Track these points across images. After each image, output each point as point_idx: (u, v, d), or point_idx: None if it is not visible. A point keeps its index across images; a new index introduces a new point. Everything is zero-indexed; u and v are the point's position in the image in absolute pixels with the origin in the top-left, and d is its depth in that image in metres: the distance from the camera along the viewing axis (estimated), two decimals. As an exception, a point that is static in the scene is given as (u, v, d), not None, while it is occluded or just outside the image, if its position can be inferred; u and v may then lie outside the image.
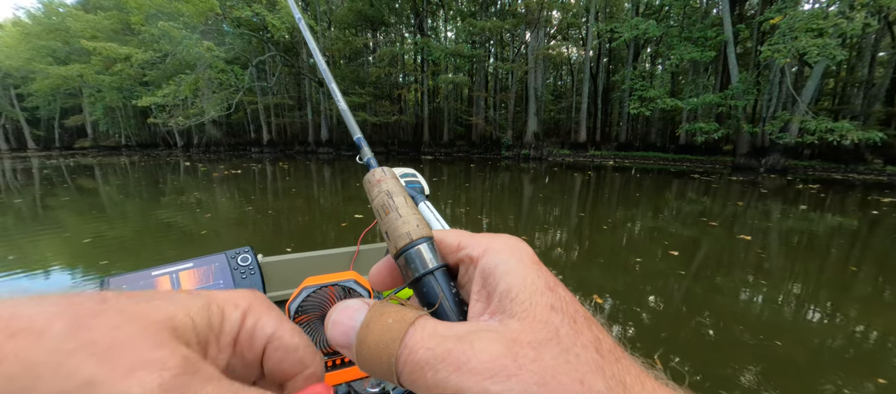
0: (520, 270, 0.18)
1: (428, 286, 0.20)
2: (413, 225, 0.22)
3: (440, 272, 0.21)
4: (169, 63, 17.95)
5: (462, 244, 0.21)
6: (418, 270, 0.21)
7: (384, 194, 0.23)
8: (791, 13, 11.37)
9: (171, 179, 10.52)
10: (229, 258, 0.97)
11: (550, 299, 0.17)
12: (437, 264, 0.21)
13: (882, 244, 4.68)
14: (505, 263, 0.19)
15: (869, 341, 2.45)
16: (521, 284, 0.17)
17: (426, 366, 0.16)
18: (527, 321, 0.16)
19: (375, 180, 0.24)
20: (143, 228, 4.94)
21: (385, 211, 0.22)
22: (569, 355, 0.15)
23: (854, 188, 9.79)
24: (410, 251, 0.21)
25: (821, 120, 11.61)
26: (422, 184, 1.02)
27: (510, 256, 0.19)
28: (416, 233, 0.21)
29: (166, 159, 19.13)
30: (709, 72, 17.74)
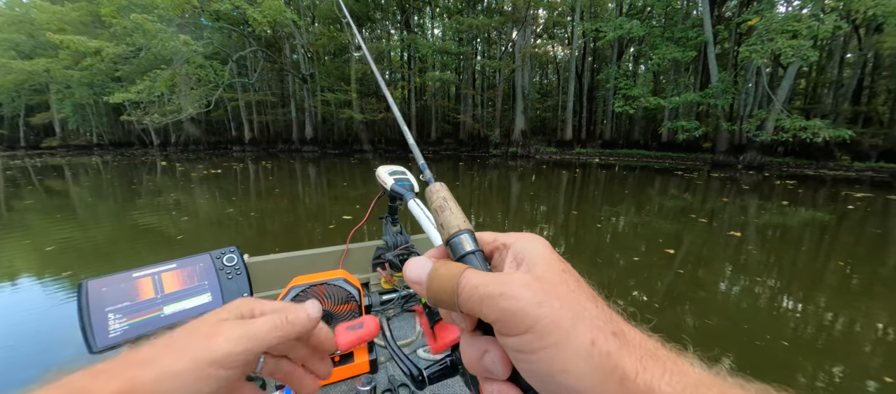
0: (541, 252, 0.24)
1: (469, 262, 0.26)
2: (461, 220, 0.28)
3: (479, 254, 0.26)
4: (143, 58, 17.11)
5: (496, 238, 0.27)
6: (463, 250, 0.27)
7: (441, 198, 0.31)
8: (767, 15, 11.74)
9: (145, 180, 10.05)
10: (214, 258, 0.94)
11: (562, 266, 0.23)
12: (476, 248, 0.27)
13: (863, 235, 4.90)
14: (530, 247, 0.24)
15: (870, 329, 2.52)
16: (541, 257, 0.23)
17: (479, 286, 0.22)
18: (545, 272, 0.22)
19: (435, 191, 0.32)
20: (115, 233, 4.66)
21: (441, 210, 0.30)
22: (573, 292, 0.21)
23: (827, 183, 10.22)
24: (459, 237, 0.27)
25: (795, 118, 12.06)
26: (411, 182, 1.02)
27: (534, 242, 0.25)
28: (464, 226, 0.28)
29: (142, 159, 18.32)
30: (689, 71, 18.20)
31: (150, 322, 0.83)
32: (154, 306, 0.84)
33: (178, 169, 12.53)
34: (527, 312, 0.19)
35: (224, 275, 0.94)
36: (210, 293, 0.92)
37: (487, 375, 0.23)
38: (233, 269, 0.96)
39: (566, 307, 0.19)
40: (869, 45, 14.84)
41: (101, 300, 0.79)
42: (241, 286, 0.96)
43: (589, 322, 0.19)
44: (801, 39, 10.50)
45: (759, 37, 11.44)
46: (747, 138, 14.00)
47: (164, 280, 0.86)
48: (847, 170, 13.72)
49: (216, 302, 0.91)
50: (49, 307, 2.75)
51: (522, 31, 19.13)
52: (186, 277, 0.90)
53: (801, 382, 1.99)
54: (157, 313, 0.84)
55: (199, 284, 0.91)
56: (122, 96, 16.20)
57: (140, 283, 0.84)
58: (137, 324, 0.81)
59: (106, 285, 0.80)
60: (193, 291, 0.90)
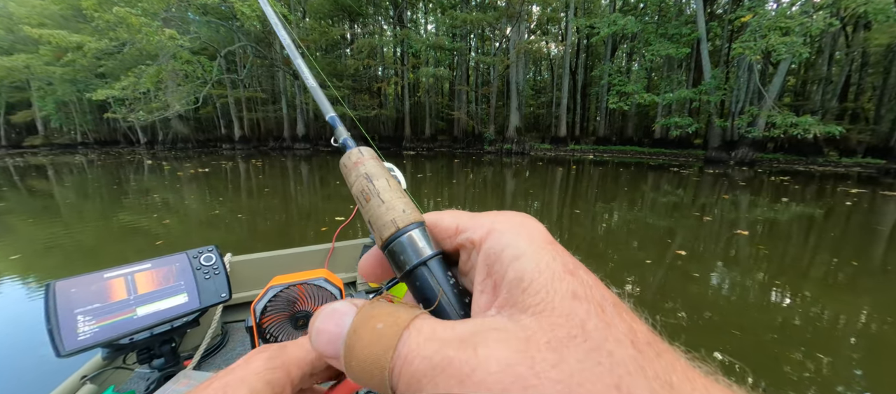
0: (532, 252, 0.15)
1: (422, 279, 0.18)
2: (399, 210, 0.19)
3: (436, 261, 0.18)
4: (127, 53, 16.63)
5: (461, 226, 0.19)
6: (410, 260, 0.18)
7: (363, 178, 0.20)
8: (760, 11, 11.80)
9: (130, 180, 9.74)
10: (191, 258, 0.92)
11: (571, 284, 0.14)
12: (431, 252, 0.18)
13: (868, 230, 4.91)
14: (513, 245, 0.16)
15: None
16: (535, 269, 0.15)
17: (424, 378, 0.13)
18: (544, 315, 0.13)
19: (353, 163, 0.21)
20: (92, 237, 4.46)
21: (365, 197, 0.20)
22: (599, 354, 0.12)
23: (819, 179, 10.34)
24: (399, 240, 0.18)
25: (786, 115, 12.18)
26: (399, 178, 1.00)
27: (519, 236, 0.16)
28: (404, 219, 0.19)
29: (128, 158, 17.84)
30: (682, 68, 18.29)
31: (123, 324, 0.80)
32: (126, 307, 0.81)
33: (164, 168, 12.20)
34: None
35: (201, 275, 0.91)
36: (187, 294, 0.89)
37: None
38: (210, 269, 0.93)
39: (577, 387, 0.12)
40: (857, 43, 15.04)
41: (69, 302, 0.76)
42: (219, 287, 0.93)
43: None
44: (793, 36, 10.56)
45: (752, 33, 11.49)
46: (739, 135, 14.12)
47: (137, 281, 0.84)
48: (835, 166, 13.94)
49: (193, 303, 0.88)
50: (17, 310, 2.61)
51: (516, 27, 19.02)
52: (161, 277, 0.87)
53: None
54: (130, 315, 0.81)
55: (175, 285, 0.88)
56: (106, 93, 15.72)
57: (112, 283, 0.81)
58: (108, 326, 0.78)
59: (75, 286, 0.77)
60: (169, 292, 0.87)
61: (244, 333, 1.25)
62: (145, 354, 0.89)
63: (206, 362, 1.14)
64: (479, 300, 0.16)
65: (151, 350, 0.90)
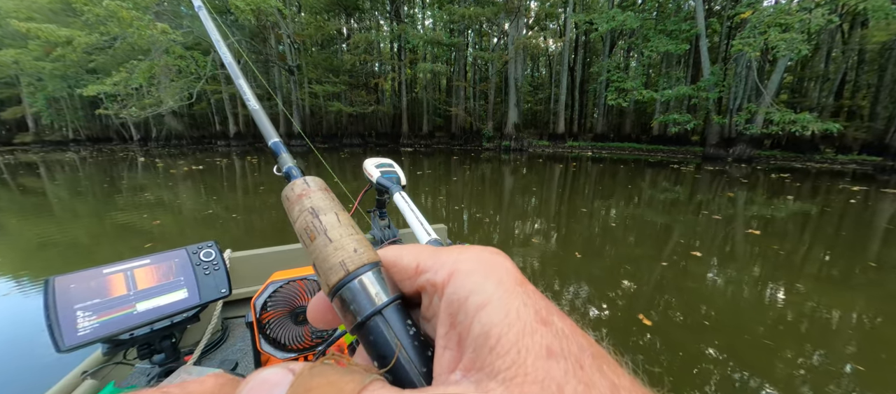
0: (499, 299, 0.14)
1: (376, 332, 0.16)
2: (350, 250, 0.17)
3: (392, 309, 0.16)
4: (118, 48, 16.28)
5: (422, 265, 0.16)
6: (362, 310, 0.16)
7: (308, 214, 0.18)
8: (759, 8, 11.75)
9: (121, 178, 9.55)
10: (191, 254, 0.92)
11: (546, 338, 0.13)
12: (387, 299, 0.16)
13: (877, 229, 4.91)
14: (479, 290, 0.14)
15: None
16: (504, 320, 0.13)
17: None
18: (516, 383, 0.12)
19: (296, 195, 0.18)
20: (80, 237, 4.32)
21: (310, 236, 0.17)
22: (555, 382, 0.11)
23: (818, 176, 10.36)
24: (349, 286, 0.16)
25: (784, 112, 12.18)
26: (398, 174, 1.01)
27: (486, 278, 0.14)
28: (355, 260, 0.17)
29: (121, 155, 17.56)
30: (681, 65, 18.25)
31: (123, 320, 0.80)
32: (126, 302, 0.81)
33: (158, 165, 11.99)
34: None
35: (201, 270, 0.92)
36: (186, 289, 0.89)
37: None
38: (210, 264, 0.94)
39: None
40: (854, 41, 15.05)
41: (68, 298, 0.77)
42: (219, 282, 0.93)
43: None
44: (793, 33, 10.52)
45: (751, 30, 11.44)
46: (737, 132, 14.12)
47: (137, 276, 0.84)
48: (832, 163, 13.98)
49: (193, 298, 0.89)
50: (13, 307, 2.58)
51: (515, 23, 18.86)
52: (161, 272, 0.87)
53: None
54: (130, 310, 0.81)
55: (175, 281, 0.88)
56: (97, 88, 15.43)
57: (111, 279, 0.81)
58: (109, 321, 0.78)
59: (74, 282, 0.78)
60: (168, 288, 0.87)
61: (244, 328, 1.25)
62: (146, 349, 0.90)
63: (207, 358, 1.15)
64: (442, 358, 0.14)
65: (152, 346, 0.90)
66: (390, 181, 0.96)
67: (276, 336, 0.88)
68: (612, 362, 0.13)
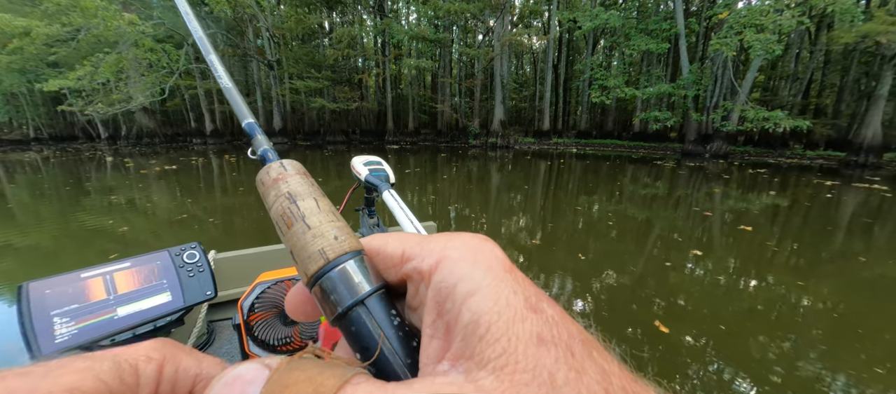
0: (488, 286, 0.13)
1: (358, 323, 0.15)
2: (330, 237, 0.16)
3: (375, 298, 0.15)
4: (83, 40, 15.29)
5: (408, 253, 0.16)
6: (342, 300, 0.15)
7: (284, 199, 0.17)
8: (736, 9, 12.15)
9: (85, 180, 8.97)
10: (173, 256, 0.91)
11: (536, 325, 0.12)
12: (370, 288, 0.15)
13: (857, 220, 5.17)
14: (467, 277, 0.14)
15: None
16: (493, 308, 0.13)
17: None
18: (506, 372, 0.11)
19: (272, 179, 0.18)
20: (23, 254, 4.00)
21: (286, 223, 0.16)
22: (547, 369, 0.11)
23: (790, 171, 10.82)
24: (330, 275, 0.16)
25: (758, 110, 12.67)
26: (387, 171, 1.00)
27: (474, 265, 0.14)
28: (336, 248, 0.16)
29: (87, 154, 16.55)
30: (661, 63, 18.72)
31: (103, 325, 0.78)
32: (106, 307, 0.79)
33: (127, 165, 11.34)
34: None
35: (185, 272, 0.90)
36: (169, 292, 0.87)
37: None
38: (194, 266, 0.92)
39: None
40: (821, 42, 15.80)
41: (44, 304, 0.74)
42: (203, 284, 0.91)
43: None
44: (767, 34, 10.92)
45: (728, 30, 11.81)
46: (714, 128, 14.61)
47: (116, 280, 0.82)
48: (800, 158, 14.67)
49: (176, 301, 0.87)
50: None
51: (500, 19, 18.85)
52: (142, 276, 0.85)
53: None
54: (111, 315, 0.79)
55: (158, 284, 0.86)
56: (60, 83, 14.47)
57: (89, 284, 0.79)
58: (88, 327, 0.76)
59: (50, 287, 0.76)
60: (151, 291, 0.85)
61: (231, 331, 1.22)
62: None
63: None
64: (429, 348, 0.14)
65: None
66: (379, 179, 0.94)
67: (264, 338, 0.88)
68: (601, 349, 0.13)
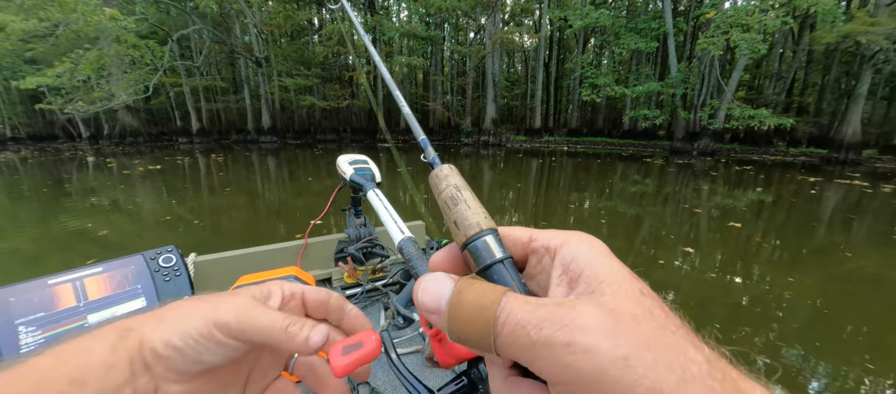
0: (604, 260, 0.18)
1: (498, 274, 0.20)
2: (481, 216, 0.22)
3: (509, 262, 0.21)
4: (62, 35, 14.76)
5: (534, 236, 0.21)
6: (491, 256, 0.21)
7: (452, 188, 0.24)
8: (722, 9, 12.35)
9: (63, 181, 8.67)
10: (148, 260, 0.88)
11: (638, 284, 0.17)
12: (505, 254, 0.21)
13: (844, 216, 5.34)
14: (587, 252, 0.18)
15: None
16: (608, 270, 0.17)
17: (528, 325, 0.16)
18: (619, 299, 0.16)
19: (443, 175, 0.25)
20: (28, 245, 3.84)
21: (454, 203, 0.23)
22: (665, 330, 0.15)
23: (775, 167, 11.08)
24: (483, 239, 0.21)
25: (744, 108, 12.93)
26: (373, 171, 0.99)
27: (592, 247, 0.19)
28: (485, 224, 0.22)
29: (68, 154, 16.03)
30: (649, 62, 18.95)
31: (72, 334, 0.59)
32: (76, 314, 0.77)
33: (109, 165, 11.00)
34: (610, 375, 0.13)
35: (160, 277, 0.88)
36: (144, 298, 0.85)
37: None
38: (170, 270, 0.90)
39: (665, 363, 0.14)
40: (804, 42, 16.18)
41: (8, 312, 0.72)
42: (180, 288, 0.90)
43: (701, 386, 0.13)
44: (753, 33, 11.12)
45: (715, 29, 12.00)
46: (701, 126, 14.86)
47: (87, 286, 0.79)
48: (784, 155, 15.03)
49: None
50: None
51: (492, 17, 18.83)
52: (115, 281, 0.83)
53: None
54: (80, 323, 0.77)
55: (131, 289, 0.84)
56: (37, 81, 13.94)
57: (58, 290, 0.76)
58: (56, 337, 0.69)
59: (14, 295, 0.73)
60: (124, 297, 0.83)
61: None
62: None
63: None
64: (556, 291, 0.18)
65: None
66: (364, 178, 0.93)
67: None
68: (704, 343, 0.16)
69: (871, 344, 2.26)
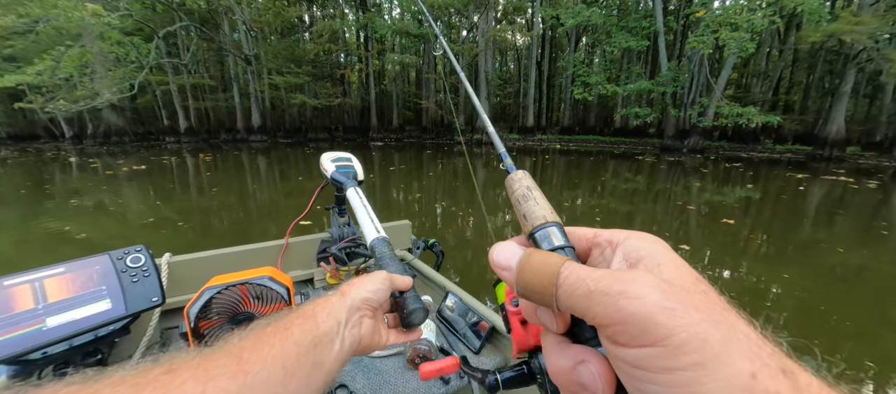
0: (665, 252, 0.19)
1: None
2: (548, 211, 0.25)
3: (570, 250, 0.23)
4: (42, 31, 14.31)
5: (598, 233, 0.23)
6: (552, 244, 0.23)
7: (524, 188, 0.28)
8: (711, 8, 12.50)
9: (41, 182, 8.40)
10: (115, 260, 0.85)
11: (694, 273, 0.18)
12: (568, 243, 0.23)
13: (830, 212, 5.45)
14: (649, 246, 0.20)
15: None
16: (668, 258, 0.19)
17: (588, 278, 0.17)
18: (674, 277, 0.18)
19: (517, 178, 0.30)
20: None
21: (524, 200, 0.27)
22: (718, 305, 0.16)
23: (762, 164, 11.28)
24: (545, 230, 0.24)
25: (732, 106, 13.12)
26: (355, 169, 0.99)
27: (653, 243, 0.20)
28: (551, 217, 0.25)
29: (50, 154, 15.56)
30: (640, 61, 19.12)
31: (29, 337, 0.72)
32: (34, 317, 0.73)
33: (92, 166, 10.69)
34: (656, 318, 0.15)
35: (128, 277, 0.85)
36: (109, 300, 0.81)
37: (580, 391, 0.19)
38: (139, 270, 0.87)
39: (710, 320, 0.15)
40: (790, 42, 16.49)
41: None
42: (149, 290, 0.86)
43: (747, 346, 0.14)
44: (742, 32, 11.28)
45: (705, 28, 12.14)
46: (691, 124, 15.05)
47: (47, 287, 0.76)
48: (771, 152, 15.32)
49: (117, 309, 0.81)
50: None
51: (485, 15, 18.80)
52: (78, 282, 0.79)
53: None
54: (38, 327, 0.73)
55: (96, 291, 0.80)
56: (17, 79, 13.52)
57: (13, 292, 0.73)
58: (11, 340, 0.70)
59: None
60: (87, 299, 0.79)
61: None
62: (64, 368, 0.82)
63: None
64: (615, 268, 0.21)
65: (71, 364, 0.83)
66: (346, 176, 0.94)
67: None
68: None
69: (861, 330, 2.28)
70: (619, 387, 0.18)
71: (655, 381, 0.15)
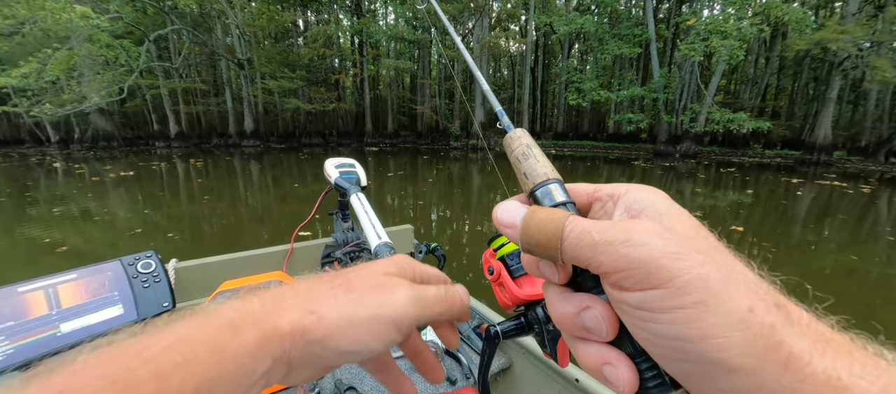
0: (666, 202, 0.20)
1: None
2: (549, 168, 0.25)
3: (571, 206, 0.23)
4: (28, 33, 13.99)
5: (599, 188, 0.23)
6: (554, 200, 0.23)
7: (524, 145, 0.27)
8: (701, 16, 12.76)
9: (20, 189, 8.14)
10: (126, 265, 0.86)
11: (696, 222, 0.19)
12: (568, 199, 0.23)
13: (830, 214, 5.50)
14: (650, 197, 0.20)
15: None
16: (669, 208, 0.19)
17: (592, 230, 0.18)
18: (676, 224, 0.18)
19: (516, 136, 0.28)
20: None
21: (524, 158, 0.26)
22: (718, 249, 0.17)
23: (754, 169, 11.44)
24: (546, 187, 0.24)
25: (723, 112, 13.35)
26: (358, 174, 1.00)
27: (654, 193, 0.20)
28: (552, 174, 0.24)
29: (35, 159, 15.14)
30: (632, 68, 19.41)
31: (43, 343, 0.74)
32: (48, 323, 0.75)
33: (77, 171, 10.40)
34: (660, 263, 0.16)
35: (139, 283, 0.86)
36: (122, 305, 0.83)
37: (584, 334, 0.20)
38: (150, 276, 0.88)
39: (711, 263, 0.16)
40: (777, 49, 16.91)
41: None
42: (160, 295, 0.88)
43: (744, 285, 0.15)
44: (731, 40, 11.52)
45: (696, 36, 12.37)
46: (682, 129, 15.27)
47: (61, 293, 0.77)
48: (761, 157, 15.61)
49: (129, 314, 0.83)
50: None
51: (479, 21, 18.94)
52: (91, 288, 0.81)
53: None
54: (52, 332, 0.75)
55: (108, 296, 0.82)
56: (1, 82, 13.15)
57: (28, 298, 0.74)
58: (26, 346, 0.72)
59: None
60: (100, 304, 0.80)
61: None
62: None
63: None
64: (617, 219, 0.21)
65: None
66: (349, 182, 0.95)
67: None
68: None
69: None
70: (621, 328, 0.19)
71: (658, 320, 0.16)
